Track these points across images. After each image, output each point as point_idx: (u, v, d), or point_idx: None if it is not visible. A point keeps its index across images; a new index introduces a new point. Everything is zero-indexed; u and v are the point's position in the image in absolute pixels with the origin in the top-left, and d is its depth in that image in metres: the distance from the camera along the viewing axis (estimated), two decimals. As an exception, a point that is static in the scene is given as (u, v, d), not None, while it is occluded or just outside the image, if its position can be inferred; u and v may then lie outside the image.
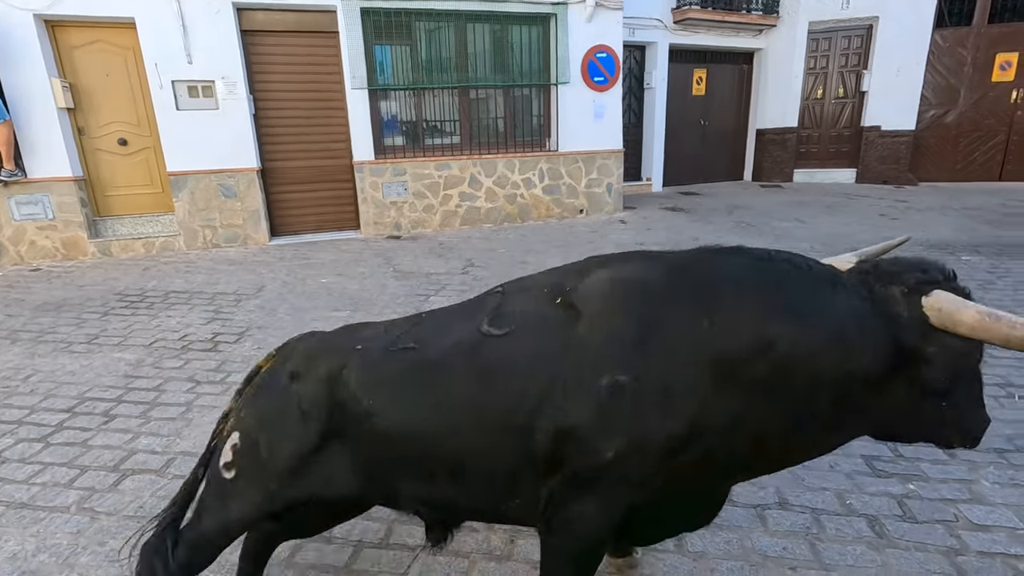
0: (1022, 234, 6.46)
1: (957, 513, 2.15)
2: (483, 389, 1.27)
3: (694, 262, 1.32)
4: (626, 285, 1.29)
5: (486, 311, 1.37)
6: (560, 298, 1.32)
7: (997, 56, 9.87)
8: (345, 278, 5.46)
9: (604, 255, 1.45)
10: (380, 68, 7.14)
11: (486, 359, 1.28)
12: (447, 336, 1.36)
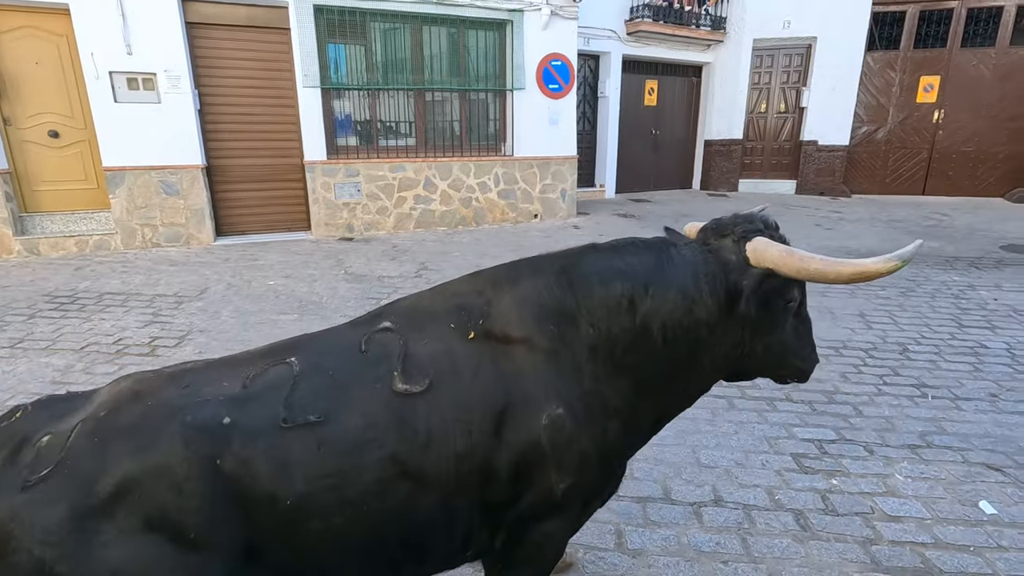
0: (938, 245, 6.97)
1: (873, 505, 2.32)
2: (423, 462, 1.14)
3: (568, 269, 1.36)
4: (530, 308, 1.28)
5: (391, 360, 1.19)
6: (472, 332, 1.25)
7: (921, 79, 10.62)
8: (294, 280, 5.34)
9: (489, 270, 1.43)
10: (334, 67, 7.02)
11: (416, 426, 1.14)
12: (353, 398, 1.15)
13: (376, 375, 1.17)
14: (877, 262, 1.19)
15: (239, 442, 1.07)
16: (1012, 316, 4.51)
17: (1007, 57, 10.20)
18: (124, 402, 1.11)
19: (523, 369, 1.22)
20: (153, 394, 1.12)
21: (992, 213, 9.30)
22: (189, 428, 1.06)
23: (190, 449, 1.04)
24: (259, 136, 6.82)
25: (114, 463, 1.02)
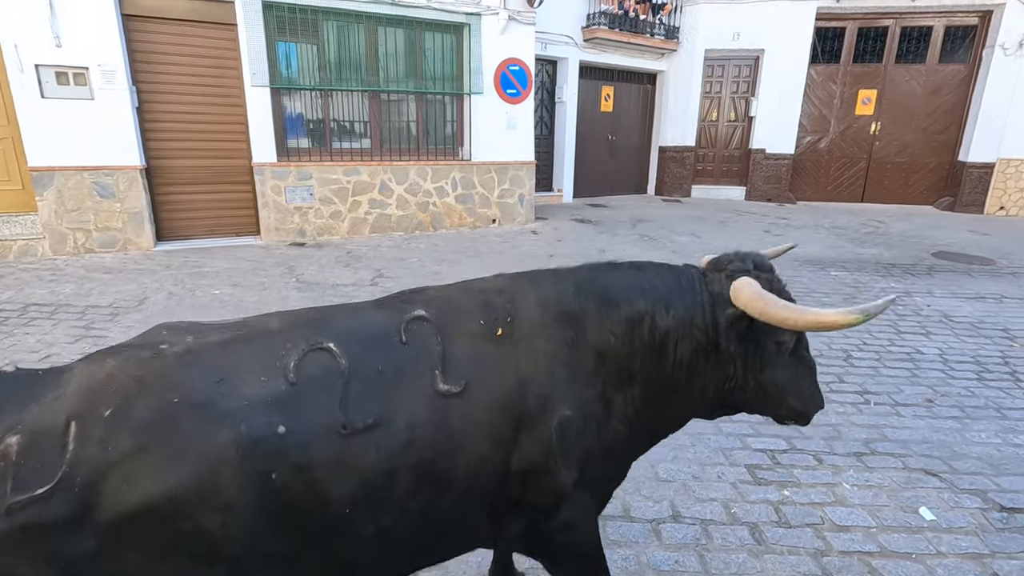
0: (877, 251, 7.34)
1: (823, 516, 2.39)
2: (457, 462, 1.16)
3: (590, 280, 1.43)
4: (552, 312, 1.33)
5: (432, 357, 1.18)
6: (500, 330, 1.27)
7: (860, 92, 11.17)
8: (241, 289, 5.11)
9: (510, 273, 1.50)
10: (284, 66, 6.78)
11: (452, 427, 1.15)
12: (402, 397, 1.12)
13: (419, 372, 1.16)
14: (839, 313, 1.21)
15: (296, 453, 0.97)
16: (943, 322, 4.77)
17: (936, 74, 10.86)
18: (131, 395, 0.90)
19: (540, 371, 1.26)
20: (170, 386, 0.94)
21: (923, 220, 9.88)
22: (246, 438, 0.92)
23: (248, 463, 0.91)
24: (204, 136, 6.50)
25: (145, 480, 0.84)
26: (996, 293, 5.61)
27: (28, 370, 0.99)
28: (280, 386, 1.01)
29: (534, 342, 1.28)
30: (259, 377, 1.01)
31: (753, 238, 7.98)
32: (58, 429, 0.85)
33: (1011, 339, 4.43)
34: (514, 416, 1.22)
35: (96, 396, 0.90)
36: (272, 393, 1.00)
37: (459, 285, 1.41)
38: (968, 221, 9.91)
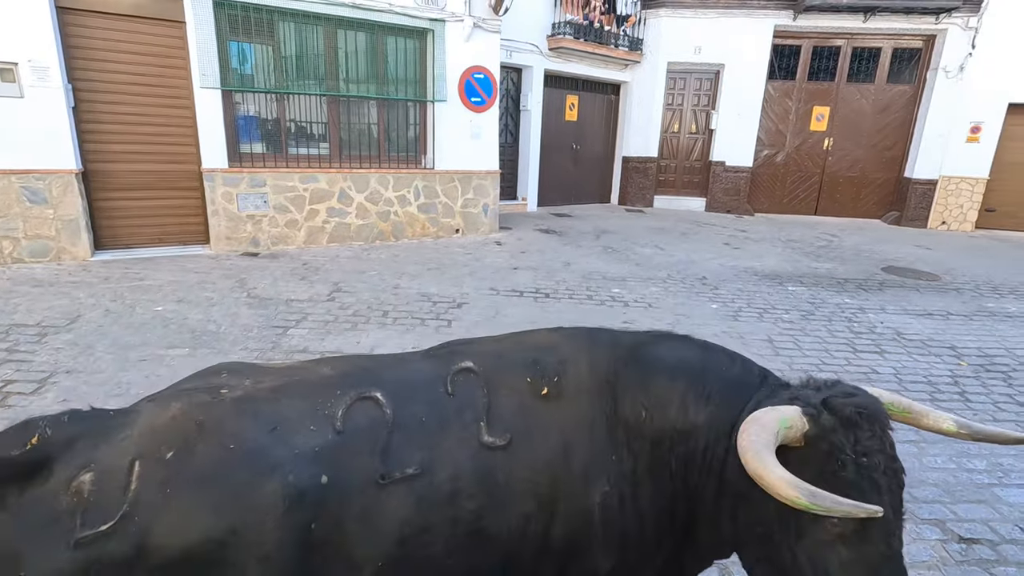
0: (831, 266, 7.55)
1: (791, 553, 2.35)
2: (498, 515, 1.12)
3: (644, 346, 1.34)
4: (599, 378, 1.26)
5: (477, 409, 1.18)
6: (546, 389, 1.23)
7: (814, 108, 11.55)
8: (187, 305, 4.80)
9: (570, 329, 1.43)
10: (237, 67, 6.46)
11: (493, 480, 1.13)
12: (444, 450, 1.11)
13: (463, 423, 1.16)
14: (781, 483, 0.97)
15: (335, 503, 0.99)
16: (896, 340, 4.91)
17: (884, 93, 11.33)
18: (191, 439, 0.96)
19: (582, 438, 1.21)
20: (228, 432, 0.99)
21: (873, 234, 10.26)
22: (291, 489, 0.95)
23: (291, 514, 0.93)
24: (148, 139, 6.11)
25: (197, 523, 0.88)
26: (943, 309, 5.82)
27: (100, 409, 1.05)
28: (327, 435, 1.05)
29: (579, 407, 1.23)
30: (309, 426, 1.05)
31: (714, 251, 8.10)
32: (124, 468, 0.90)
33: (958, 357, 4.58)
34: (556, 478, 1.18)
35: (159, 438, 0.95)
36: (319, 443, 1.03)
37: (512, 338, 1.40)
38: (913, 235, 10.35)
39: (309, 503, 0.97)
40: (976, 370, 4.33)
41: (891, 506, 1.05)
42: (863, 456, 1.04)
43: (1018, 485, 2.89)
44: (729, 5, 10.93)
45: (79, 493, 0.87)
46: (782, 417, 1.07)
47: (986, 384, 4.10)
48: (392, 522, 1.03)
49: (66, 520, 0.85)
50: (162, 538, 0.87)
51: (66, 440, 0.93)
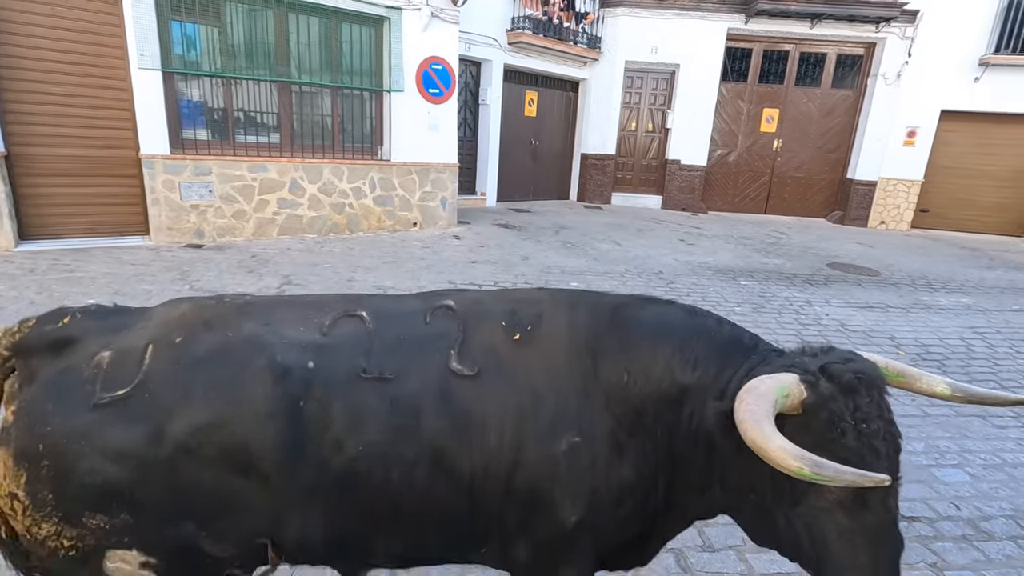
0: (780, 262, 7.81)
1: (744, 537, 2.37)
2: (461, 441, 1.17)
3: (627, 308, 1.34)
4: (577, 336, 1.27)
5: (450, 338, 1.24)
6: (518, 335, 1.27)
7: (764, 110, 11.94)
8: (122, 298, 4.50)
9: (554, 290, 1.45)
10: (180, 48, 6.12)
11: (463, 407, 1.18)
12: (415, 365, 1.20)
13: (436, 348, 1.22)
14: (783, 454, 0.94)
15: (321, 387, 1.12)
16: (840, 331, 5.10)
17: (829, 97, 11.82)
18: (197, 329, 1.13)
19: (553, 390, 1.22)
20: (229, 325, 1.15)
21: (818, 232, 10.69)
22: (279, 367, 1.10)
23: (279, 388, 1.08)
24: (80, 122, 5.71)
25: (201, 393, 1.05)
26: (883, 303, 6.10)
27: (122, 306, 1.27)
28: (315, 335, 1.19)
29: (550, 357, 1.25)
30: (299, 327, 1.20)
31: (669, 248, 8.24)
32: (140, 349, 1.08)
33: (897, 347, 4.80)
34: (522, 419, 1.19)
35: (170, 328, 1.13)
36: (307, 339, 1.17)
37: (498, 292, 1.44)
38: (855, 233, 10.84)
39: (296, 381, 1.10)
40: (913, 359, 4.54)
41: (890, 471, 1.03)
42: (863, 423, 1.02)
43: (953, 465, 3.03)
44: (685, 7, 11.16)
45: (99, 366, 1.04)
46: (780, 385, 1.03)
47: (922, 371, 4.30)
48: (370, 415, 1.13)
49: (87, 387, 1.02)
50: (170, 404, 1.03)
51: (91, 326, 1.12)
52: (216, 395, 1.06)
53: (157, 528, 1.04)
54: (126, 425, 1.00)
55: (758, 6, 10.63)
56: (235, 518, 1.09)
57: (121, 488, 1.00)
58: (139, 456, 1.00)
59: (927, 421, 3.50)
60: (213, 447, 1.04)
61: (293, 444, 1.09)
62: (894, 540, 1.06)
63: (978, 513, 2.64)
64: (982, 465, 3.06)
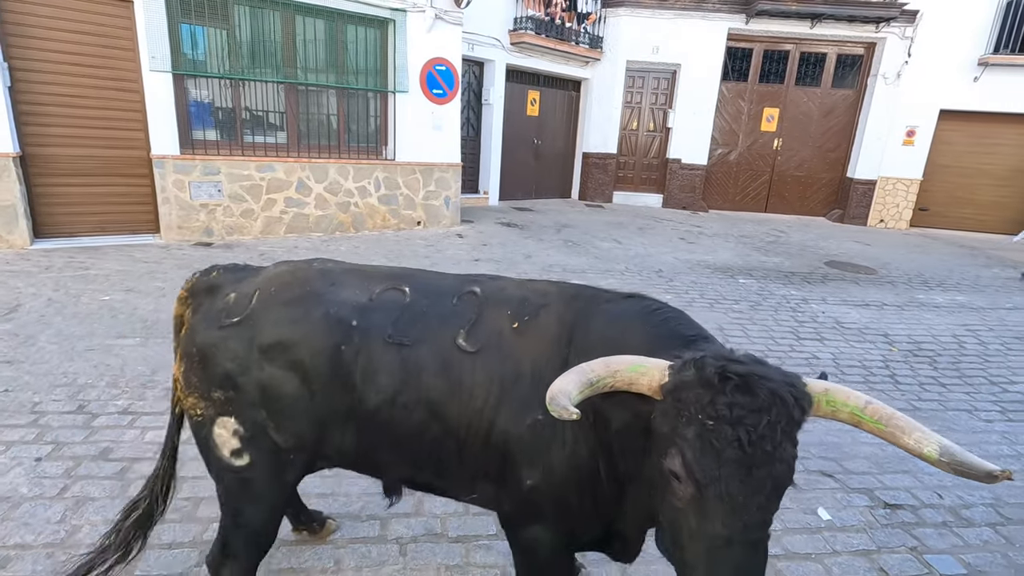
0: (779, 260, 7.92)
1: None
2: (453, 402, 1.45)
3: (606, 303, 1.49)
4: (561, 327, 1.45)
5: (464, 320, 1.50)
6: (517, 323, 1.48)
7: (765, 110, 12.03)
8: (136, 295, 4.65)
9: (570, 284, 1.63)
10: (189, 50, 6.25)
11: (459, 376, 1.45)
12: (430, 337, 1.49)
13: (452, 325, 1.49)
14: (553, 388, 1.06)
15: (358, 340, 1.49)
16: (836, 328, 5.21)
17: (829, 97, 11.90)
18: (287, 284, 1.58)
19: (534, 374, 1.41)
20: (308, 283, 1.57)
21: (818, 231, 10.79)
22: (332, 318, 1.50)
23: (328, 333, 1.49)
24: (93, 123, 5.86)
25: (280, 325, 1.50)
26: (878, 300, 6.21)
27: (249, 265, 1.76)
28: (364, 300, 1.55)
29: (536, 346, 1.44)
30: (355, 292, 1.57)
31: (669, 246, 8.36)
32: (249, 294, 1.56)
33: (890, 344, 4.91)
34: (503, 394, 1.42)
35: (270, 282, 1.59)
36: (357, 302, 1.54)
37: (523, 282, 1.65)
38: (854, 232, 10.94)
39: (341, 331, 1.48)
40: (905, 355, 4.67)
41: (729, 486, 0.96)
42: (710, 420, 0.98)
43: (938, 457, 3.15)
44: (686, 7, 11.25)
45: (227, 303, 1.56)
46: (635, 363, 1.08)
47: (913, 367, 4.43)
48: (386, 369, 1.47)
49: (221, 315, 1.53)
50: (264, 331, 1.49)
51: (228, 278, 1.64)
52: (288, 328, 1.49)
53: (246, 408, 1.50)
54: (237, 339, 1.50)
55: (758, 6, 10.72)
56: (291, 417, 1.50)
57: (232, 376, 1.49)
58: (242, 357, 1.48)
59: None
60: (281, 360, 1.48)
61: (331, 375, 1.47)
62: (736, 564, 0.99)
63: (959, 502, 2.77)
64: (966, 457, 3.18)
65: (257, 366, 1.48)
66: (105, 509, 2.27)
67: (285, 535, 2.21)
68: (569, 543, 1.51)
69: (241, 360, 1.49)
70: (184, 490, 2.41)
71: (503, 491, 1.49)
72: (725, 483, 0.96)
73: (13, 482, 2.39)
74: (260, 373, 1.48)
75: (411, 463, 1.57)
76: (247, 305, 1.53)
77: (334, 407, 1.50)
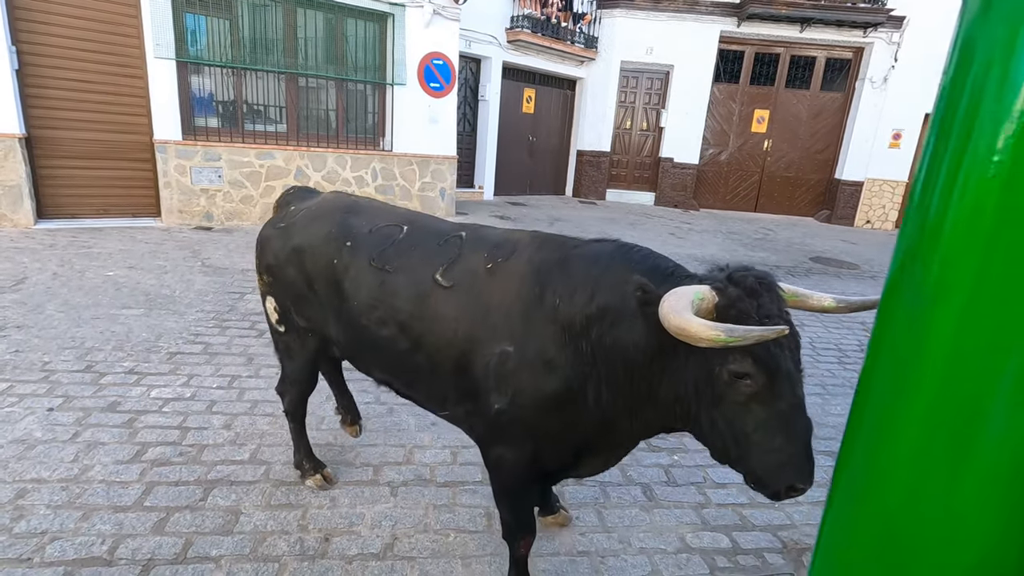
0: (764, 255, 8.13)
1: (706, 476, 2.69)
2: (424, 327, 1.66)
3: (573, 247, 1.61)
4: (532, 269, 1.58)
5: (445, 258, 1.69)
6: (491, 264, 1.63)
7: (755, 111, 12.26)
8: (139, 271, 4.79)
9: (543, 233, 1.76)
10: (193, 39, 6.41)
11: (432, 306, 1.65)
12: (409, 268, 1.71)
13: (432, 262, 1.69)
14: (702, 327, 1.15)
15: (347, 257, 1.82)
16: (814, 316, 5.41)
17: (818, 99, 12.16)
18: (320, 207, 1.99)
19: (502, 307, 1.56)
20: (338, 209, 1.95)
21: (805, 230, 11.02)
22: (331, 236, 1.87)
23: (332, 247, 1.85)
24: (97, 108, 6.00)
25: (299, 235, 1.93)
26: (859, 292, 6.42)
27: (313, 189, 2.30)
28: (365, 230, 1.85)
29: (508, 284, 1.57)
30: (364, 222, 1.89)
31: (659, 240, 8.55)
32: (300, 209, 2.05)
33: (866, 330, 5.12)
34: (473, 326, 1.58)
35: (315, 204, 2.04)
36: (360, 230, 1.86)
37: (502, 230, 1.80)
38: (841, 232, 11.18)
39: (340, 249, 1.83)
40: (879, 340, 4.86)
41: (793, 361, 1.23)
42: (766, 318, 1.21)
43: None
44: (679, 9, 11.48)
45: (286, 212, 2.07)
46: (696, 290, 1.25)
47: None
48: (367, 285, 1.76)
49: (277, 220, 2.06)
50: (292, 237, 1.94)
51: (297, 195, 2.19)
52: (302, 238, 1.91)
53: (280, 293, 2.02)
54: (279, 239, 1.97)
55: (750, 10, 10.96)
56: (303, 306, 1.96)
57: (271, 267, 2.00)
58: (278, 254, 1.96)
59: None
60: (297, 260, 1.91)
61: (327, 280, 1.85)
62: (804, 422, 1.24)
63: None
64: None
65: (287, 262, 1.93)
66: (115, 452, 2.42)
67: (284, 476, 2.38)
68: (533, 460, 1.62)
69: (278, 255, 1.96)
70: (189, 438, 2.57)
71: (474, 414, 1.66)
72: (787, 363, 1.23)
73: (28, 428, 2.54)
74: (288, 268, 1.93)
75: (387, 369, 1.86)
76: (293, 217, 1.98)
77: (331, 304, 1.87)
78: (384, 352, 1.78)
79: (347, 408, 2.60)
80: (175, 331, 3.68)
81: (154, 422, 2.67)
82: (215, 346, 3.53)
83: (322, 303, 1.90)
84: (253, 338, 3.69)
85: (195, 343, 3.54)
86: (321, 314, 1.93)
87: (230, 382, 3.11)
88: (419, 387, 1.81)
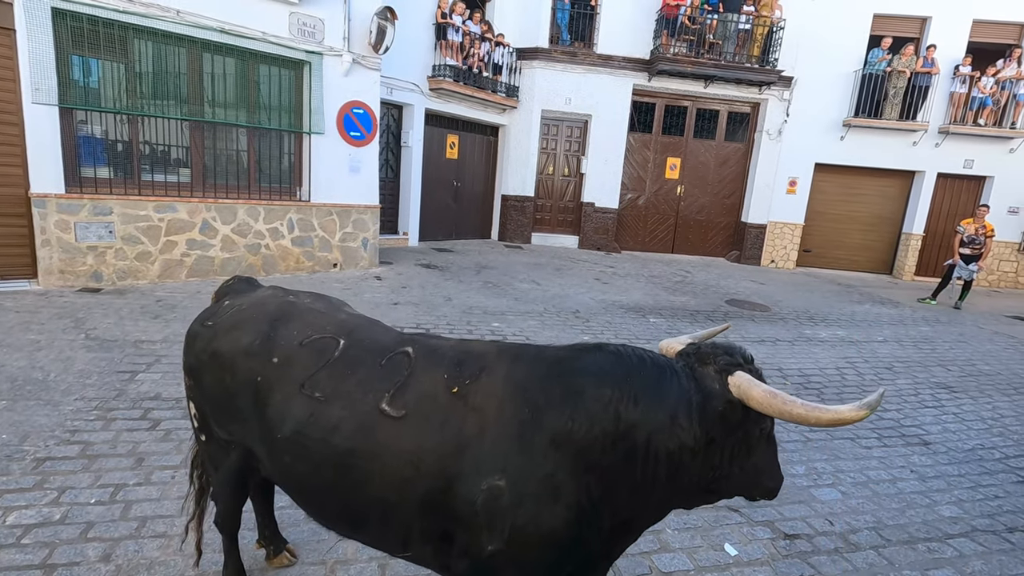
0: (685, 299, 8.45)
1: (651, 565, 2.57)
2: (371, 466, 1.42)
3: (565, 362, 1.48)
4: (514, 389, 1.41)
5: (390, 382, 1.46)
6: (456, 388, 1.43)
7: (668, 159, 12.99)
8: (5, 350, 4.13)
9: (506, 344, 1.59)
10: (81, 82, 5.83)
11: (380, 441, 1.41)
12: (346, 397, 1.47)
13: (375, 388, 1.47)
14: (852, 409, 1.29)
15: (273, 377, 1.57)
16: (737, 364, 5.59)
17: (723, 149, 13.09)
18: (251, 307, 1.75)
19: (484, 436, 1.36)
20: (263, 312, 1.72)
21: (719, 271, 11.64)
22: (254, 350, 1.63)
23: (248, 360, 1.62)
24: (-42, 157, 5.26)
25: (223, 339, 1.68)
26: (772, 336, 6.76)
27: (253, 280, 2.03)
28: (295, 343, 1.61)
29: (487, 409, 1.39)
30: (293, 333, 1.65)
31: (586, 286, 8.67)
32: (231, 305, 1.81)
33: (784, 378, 5.34)
34: (444, 459, 1.37)
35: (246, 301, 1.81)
36: (289, 344, 1.62)
37: (456, 342, 1.61)
38: (750, 272, 11.92)
39: (259, 363, 1.60)
40: (797, 388, 5.08)
41: None
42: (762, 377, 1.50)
43: (827, 485, 3.43)
44: (595, 64, 12.05)
45: (222, 307, 1.81)
46: (754, 379, 1.40)
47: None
48: (296, 417, 1.50)
49: (207, 316, 1.80)
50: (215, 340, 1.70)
51: (236, 287, 1.95)
52: (231, 346, 1.65)
53: (200, 397, 1.77)
54: (203, 339, 1.73)
55: (659, 67, 11.70)
56: (227, 422, 1.71)
57: (196, 368, 1.75)
58: (204, 355, 1.71)
59: (808, 446, 3.93)
60: (217, 368, 1.67)
61: (249, 398, 1.61)
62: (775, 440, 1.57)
63: (847, 527, 3.01)
64: (852, 483, 3.49)
65: (206, 368, 1.70)
66: (-49, 612, 1.94)
67: None
68: None
69: (199, 357, 1.73)
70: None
71: (450, 554, 1.45)
72: None
73: None
74: (206, 375, 1.71)
75: (324, 512, 1.59)
76: (222, 316, 1.75)
77: (252, 425, 1.63)
78: (320, 494, 1.52)
79: (271, 538, 2.26)
80: (46, 429, 3.14)
81: (8, 561, 2.20)
82: (96, 445, 3.03)
83: (246, 418, 1.64)
84: (145, 431, 3.23)
85: (70, 443, 3.03)
86: (244, 430, 1.67)
87: (113, 494, 2.65)
88: (368, 530, 1.54)
